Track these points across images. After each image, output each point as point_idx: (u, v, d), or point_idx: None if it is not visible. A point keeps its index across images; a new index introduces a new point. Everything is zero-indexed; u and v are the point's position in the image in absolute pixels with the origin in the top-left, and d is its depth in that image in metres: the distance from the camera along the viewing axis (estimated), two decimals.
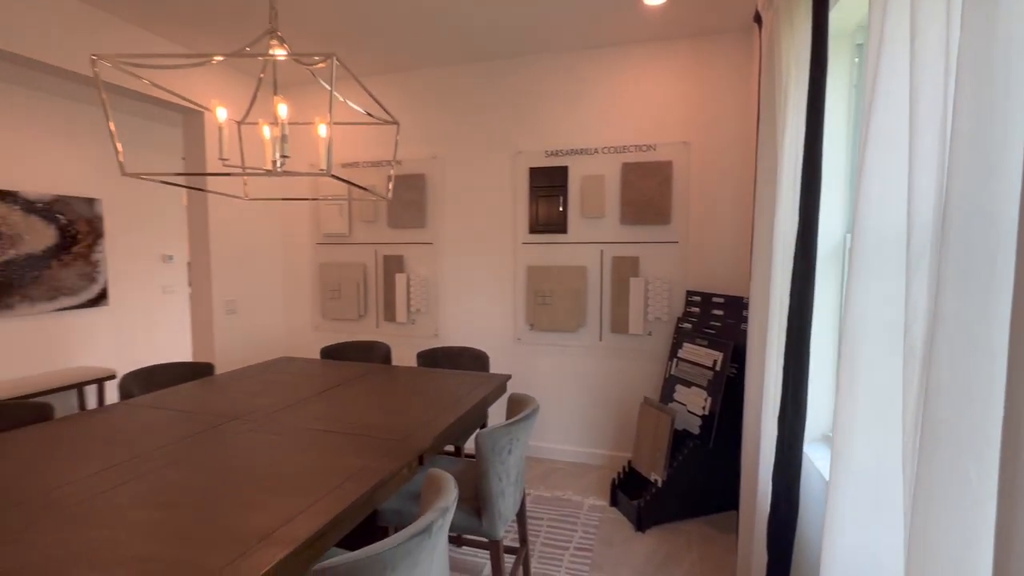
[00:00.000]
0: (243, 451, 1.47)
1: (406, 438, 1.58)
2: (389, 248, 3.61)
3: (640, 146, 3.01)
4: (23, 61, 2.36)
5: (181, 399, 1.98)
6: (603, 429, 3.21)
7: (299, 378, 2.32)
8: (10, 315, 3.83)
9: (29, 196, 3.94)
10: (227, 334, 3.45)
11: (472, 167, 3.37)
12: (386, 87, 3.52)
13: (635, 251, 3.06)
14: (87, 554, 0.96)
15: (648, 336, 3.06)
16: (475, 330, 3.43)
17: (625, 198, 3.03)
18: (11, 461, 1.39)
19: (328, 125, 1.51)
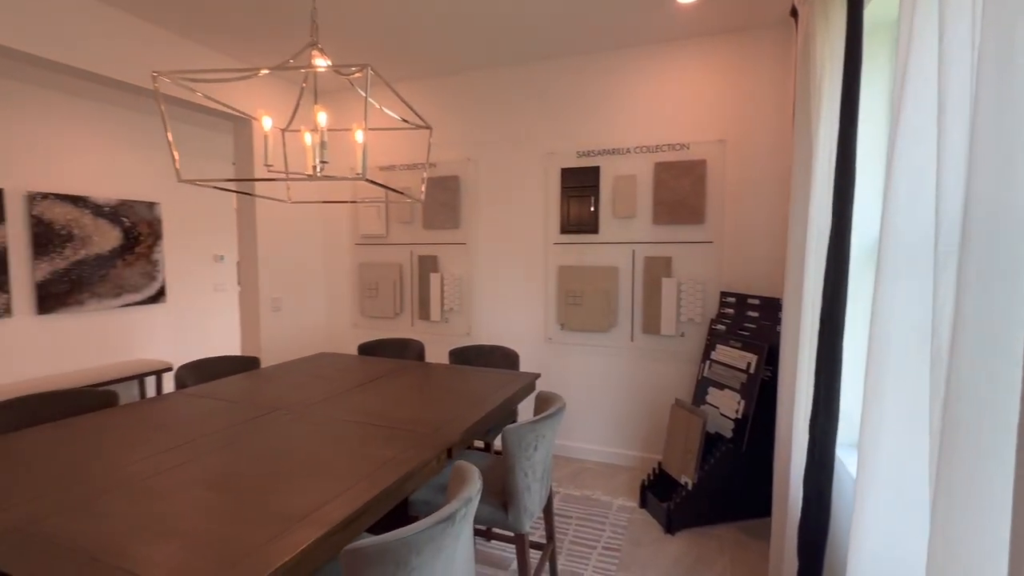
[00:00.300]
0: (284, 439, 1.57)
1: (436, 432, 1.64)
2: (424, 248, 3.71)
3: (673, 145, 2.98)
4: (90, 76, 2.57)
5: (230, 390, 2.12)
6: (633, 430, 3.19)
7: (337, 373, 2.42)
8: (81, 310, 4.16)
9: (98, 201, 4.27)
10: (272, 330, 3.63)
11: (504, 168, 3.42)
12: (421, 92, 3.62)
13: (668, 251, 3.03)
14: (149, 526, 1.06)
15: (680, 337, 3.02)
16: (506, 329, 3.48)
17: (658, 198, 3.00)
18: (81, 442, 1.53)
19: (364, 131, 1.59)
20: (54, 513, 1.11)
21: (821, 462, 1.49)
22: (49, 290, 3.96)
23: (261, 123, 1.57)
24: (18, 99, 3.76)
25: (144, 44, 2.74)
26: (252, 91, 3.38)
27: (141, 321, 4.63)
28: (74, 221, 4.12)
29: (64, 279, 4.05)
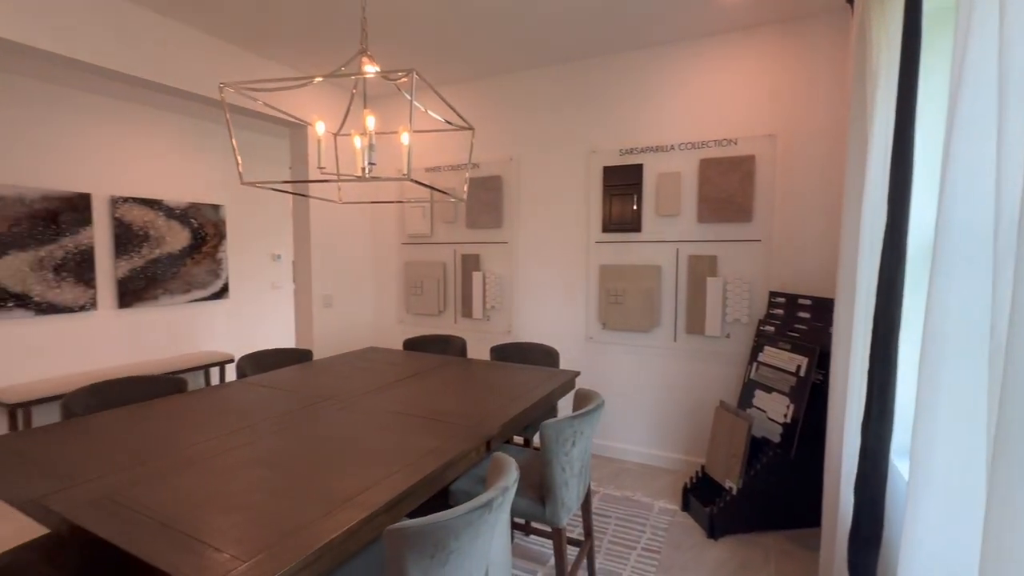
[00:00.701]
0: (333, 426, 1.66)
1: (476, 424, 1.69)
2: (467, 247, 3.79)
3: (720, 141, 2.90)
4: (164, 88, 2.80)
5: (284, 379, 2.25)
6: (675, 432, 3.13)
7: (383, 366, 2.52)
8: (155, 305, 4.52)
9: (170, 204, 4.62)
10: (324, 325, 3.81)
11: (546, 168, 3.44)
12: (464, 95, 3.70)
13: (713, 250, 2.95)
14: (213, 500, 1.16)
15: (726, 338, 2.94)
16: (547, 327, 3.50)
17: (703, 195, 2.93)
18: (155, 423, 1.68)
19: (409, 133, 1.66)
20: (132, 485, 1.23)
21: (874, 468, 1.43)
22: (128, 286, 4.32)
23: (315, 128, 1.67)
24: (102, 112, 4.13)
25: (210, 57, 2.95)
26: (307, 98, 3.56)
27: (206, 315, 4.98)
28: (150, 223, 4.48)
29: (141, 276, 4.41)
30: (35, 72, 3.57)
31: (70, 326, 3.97)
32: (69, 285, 3.95)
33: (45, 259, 3.81)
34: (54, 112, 3.83)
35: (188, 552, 0.95)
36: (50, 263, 3.84)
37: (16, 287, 3.67)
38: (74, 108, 3.94)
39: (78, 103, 3.97)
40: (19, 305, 3.68)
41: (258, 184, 1.70)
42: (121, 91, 4.02)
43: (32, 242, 3.74)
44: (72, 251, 3.96)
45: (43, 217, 3.79)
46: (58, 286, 3.89)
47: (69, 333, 3.97)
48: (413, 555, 0.97)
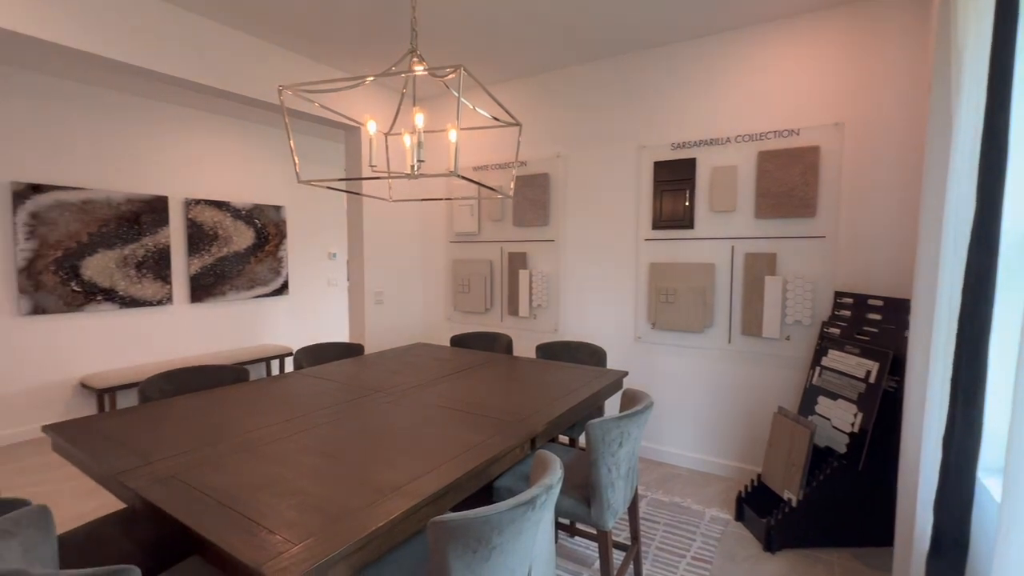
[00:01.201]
0: (381, 419, 1.69)
1: (521, 421, 1.67)
2: (513, 246, 3.79)
3: (780, 132, 2.74)
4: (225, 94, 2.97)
5: (337, 372, 2.33)
6: (730, 438, 2.99)
7: (431, 361, 2.57)
8: (222, 300, 4.82)
9: (236, 205, 4.92)
10: (375, 321, 3.93)
11: (595, 164, 3.38)
12: (512, 93, 3.70)
13: (772, 247, 2.80)
14: (267, 484, 1.21)
15: (785, 341, 2.78)
16: (594, 326, 3.44)
17: (761, 189, 2.79)
18: (219, 409, 1.78)
19: (457, 131, 1.67)
20: (196, 466, 1.31)
21: (957, 486, 1.30)
22: (199, 282, 4.64)
23: (367, 128, 1.71)
24: (176, 120, 4.45)
25: (269, 64, 3.10)
26: (360, 100, 3.68)
27: (268, 311, 5.26)
28: (219, 223, 4.78)
29: (210, 273, 4.72)
30: (116, 84, 3.90)
31: (149, 319, 4.31)
32: (149, 281, 4.28)
33: (128, 257, 4.15)
34: (135, 121, 4.17)
35: (244, 532, 1.00)
36: (132, 260, 4.18)
37: (104, 282, 4.02)
38: (151, 118, 4.27)
39: (155, 113, 4.29)
40: (107, 299, 4.03)
41: (313, 183, 1.77)
42: (192, 100, 4.31)
43: (118, 241, 4.08)
44: (152, 249, 4.29)
45: (127, 218, 4.13)
46: (139, 282, 4.22)
47: (148, 325, 4.30)
48: (455, 548, 0.97)
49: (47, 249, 3.69)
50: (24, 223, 3.58)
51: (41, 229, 3.66)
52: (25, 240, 3.59)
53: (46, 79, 3.67)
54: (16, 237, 3.55)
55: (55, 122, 3.72)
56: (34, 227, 3.63)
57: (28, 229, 3.60)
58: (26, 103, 3.57)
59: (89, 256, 3.92)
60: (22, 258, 3.58)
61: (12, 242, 3.55)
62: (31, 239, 3.61)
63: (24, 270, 3.59)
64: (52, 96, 3.71)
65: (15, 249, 3.55)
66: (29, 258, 3.61)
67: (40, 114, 3.65)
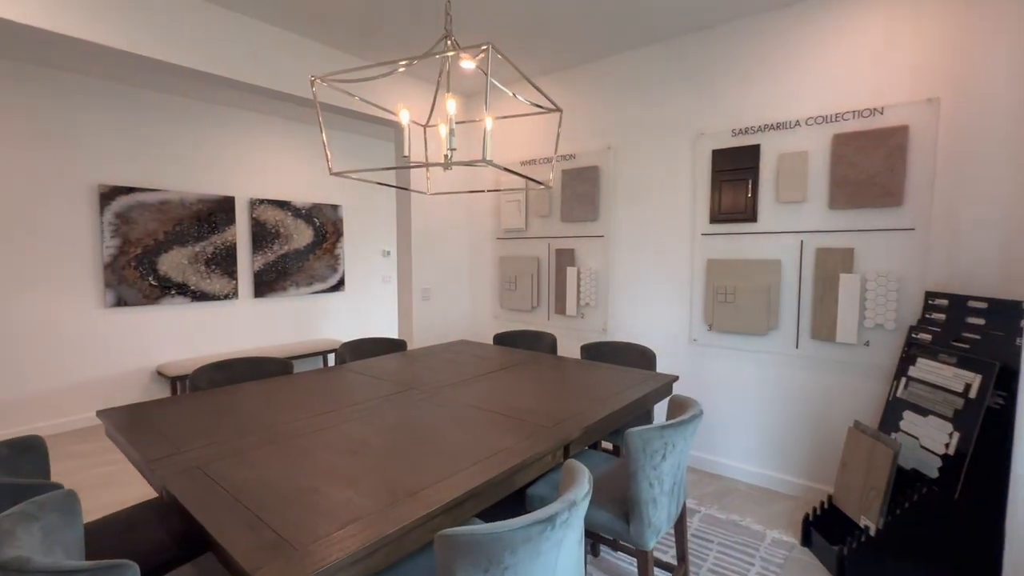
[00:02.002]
0: (411, 416, 1.64)
1: (556, 425, 1.56)
2: (561, 242, 3.66)
3: (860, 112, 2.43)
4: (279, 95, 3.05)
5: (376, 368, 2.32)
6: (795, 452, 2.71)
7: (471, 359, 2.50)
8: (283, 296, 5.05)
9: (297, 204, 5.13)
10: (422, 318, 3.94)
11: (648, 155, 3.19)
12: (559, 84, 3.57)
13: (848, 241, 2.49)
14: (284, 481, 1.18)
15: (864, 347, 2.47)
16: (646, 327, 3.25)
17: (836, 177, 2.49)
18: (256, 401, 1.81)
19: (491, 118, 1.58)
20: (222, 458, 1.31)
21: None
22: (262, 278, 4.88)
23: (399, 117, 1.67)
24: (241, 123, 4.69)
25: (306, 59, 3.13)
26: (400, 93, 3.68)
27: (326, 306, 5.45)
28: (280, 222, 5.01)
29: (273, 269, 4.96)
30: (188, 91, 4.16)
31: (217, 312, 4.58)
32: (217, 276, 4.55)
33: (199, 254, 4.43)
34: (205, 126, 4.43)
35: (249, 530, 0.96)
36: (202, 257, 4.45)
37: (178, 277, 4.31)
38: (220, 122, 4.52)
39: (223, 118, 4.55)
40: (179, 293, 4.32)
41: (344, 173, 1.75)
42: (256, 104, 4.53)
43: (190, 239, 4.37)
44: (219, 247, 4.55)
45: (198, 217, 4.40)
46: (208, 277, 4.50)
47: (216, 318, 4.57)
48: (464, 566, 0.88)
49: (129, 246, 4.00)
50: (109, 222, 3.90)
51: (124, 228, 3.97)
52: (110, 238, 3.90)
53: (124, 88, 3.97)
54: (103, 235, 3.87)
55: (135, 128, 4.03)
56: (118, 226, 3.94)
57: (113, 228, 3.91)
58: (106, 111, 3.88)
59: (164, 253, 4.22)
60: (107, 254, 3.90)
61: (99, 240, 3.88)
62: (115, 237, 3.93)
63: (109, 265, 3.91)
64: (131, 104, 4.01)
65: (102, 246, 3.88)
66: (113, 255, 3.93)
67: (120, 121, 3.96)
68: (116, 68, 3.66)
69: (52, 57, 3.44)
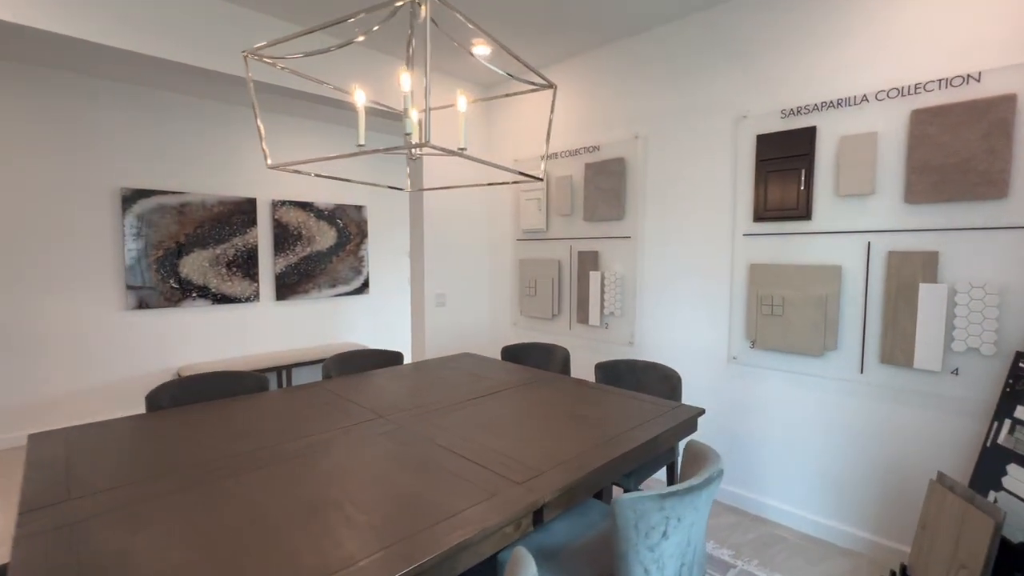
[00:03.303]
0: (355, 464, 1.36)
1: (530, 481, 1.24)
2: (584, 243, 3.30)
3: (949, 79, 1.93)
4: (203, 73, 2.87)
5: (356, 387, 2.07)
6: (859, 500, 2.23)
7: (465, 379, 2.21)
8: (305, 298, 4.96)
9: (320, 205, 5.03)
10: (436, 325, 3.69)
11: (680, 144, 2.77)
12: (577, 70, 3.21)
13: (930, 242, 2.00)
14: (173, 546, 0.93)
15: (951, 376, 1.96)
16: (677, 342, 2.83)
17: (915, 162, 2.00)
18: (196, 430, 1.59)
19: (465, 98, 1.28)
20: (109, 510, 1.08)
21: None
22: (284, 280, 4.81)
23: (354, 98, 1.39)
24: (264, 124, 4.63)
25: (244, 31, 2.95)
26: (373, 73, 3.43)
27: (348, 309, 5.33)
28: (303, 223, 4.92)
29: (295, 272, 4.88)
30: (208, 93, 4.11)
31: (238, 315, 4.54)
32: (238, 279, 4.51)
33: (220, 256, 4.40)
34: (225, 126, 4.39)
35: None
36: (224, 259, 4.42)
37: (199, 280, 4.29)
38: (241, 123, 4.47)
39: (246, 118, 4.50)
40: (201, 296, 4.31)
41: (282, 167, 1.50)
42: (278, 105, 4.45)
43: (211, 241, 4.34)
44: (241, 249, 4.51)
45: (219, 220, 4.37)
46: (230, 279, 4.46)
47: (237, 321, 4.53)
48: None
49: (150, 249, 4.01)
50: (131, 225, 3.91)
51: (145, 230, 3.98)
52: (132, 241, 3.92)
53: (144, 90, 3.97)
54: (124, 238, 3.88)
55: (155, 131, 4.02)
56: (139, 228, 3.95)
57: (134, 231, 3.92)
58: (127, 114, 3.89)
59: (186, 255, 4.20)
60: (129, 257, 3.91)
61: (121, 243, 3.90)
62: (137, 240, 3.94)
63: (130, 268, 3.92)
64: (152, 106, 4.01)
65: (124, 249, 3.89)
66: (135, 257, 3.94)
67: (141, 123, 3.96)
68: (136, 71, 3.65)
69: (66, 59, 3.45)
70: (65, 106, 3.63)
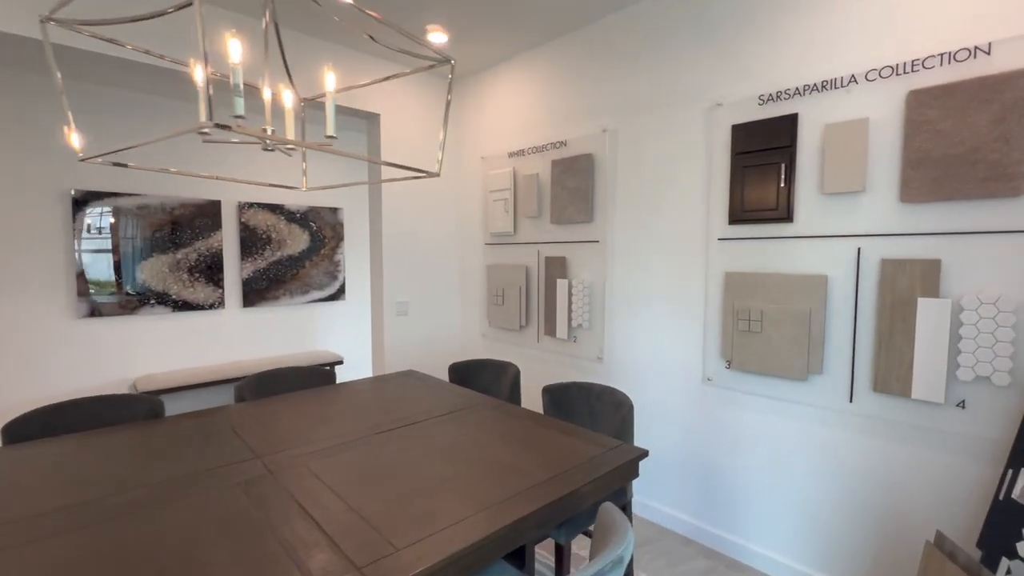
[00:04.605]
0: (171, 525, 1.09)
1: (403, 550, 0.96)
2: (551, 248, 3.01)
3: (952, 53, 1.61)
4: None
5: (257, 414, 1.82)
6: (849, 552, 1.90)
7: (386, 405, 1.94)
8: (276, 304, 4.74)
9: (291, 208, 4.81)
10: (397, 336, 3.43)
11: (651, 138, 2.47)
12: (540, 61, 2.92)
13: (931, 249, 1.67)
14: None
15: (956, 409, 1.63)
16: (649, 358, 2.53)
17: (913, 153, 1.68)
18: (59, 466, 1.34)
19: (332, 73, 1.01)
20: None
21: None
22: (252, 286, 4.58)
23: (192, 72, 1.13)
24: None
25: None
26: None
27: (324, 316, 5.09)
28: (272, 226, 4.70)
29: (264, 277, 4.66)
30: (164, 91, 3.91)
31: (202, 322, 4.33)
32: (201, 285, 4.30)
33: (181, 261, 4.19)
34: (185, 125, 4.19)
35: None
36: (185, 264, 4.21)
37: (158, 286, 4.09)
38: None
39: None
40: (160, 302, 4.10)
41: (92, 158, 1.24)
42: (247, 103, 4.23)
43: (171, 246, 4.14)
44: (204, 253, 4.30)
45: (180, 223, 4.17)
46: (192, 286, 4.25)
47: (200, 329, 4.32)
48: None
49: (103, 253, 3.81)
50: (83, 229, 3.72)
51: (99, 234, 3.78)
52: (84, 245, 3.72)
53: (94, 88, 3.78)
54: (76, 243, 3.69)
55: (110, 130, 3.83)
56: (92, 232, 3.75)
57: (87, 235, 3.73)
58: (79, 112, 3.70)
59: (143, 260, 4.00)
60: (81, 263, 3.72)
61: (73, 248, 3.71)
62: (89, 243, 3.74)
63: (82, 274, 3.73)
64: (104, 105, 3.82)
65: (75, 254, 3.70)
66: (87, 263, 3.74)
67: (94, 123, 3.77)
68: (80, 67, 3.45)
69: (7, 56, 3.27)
70: (7, 104, 3.44)
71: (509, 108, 3.21)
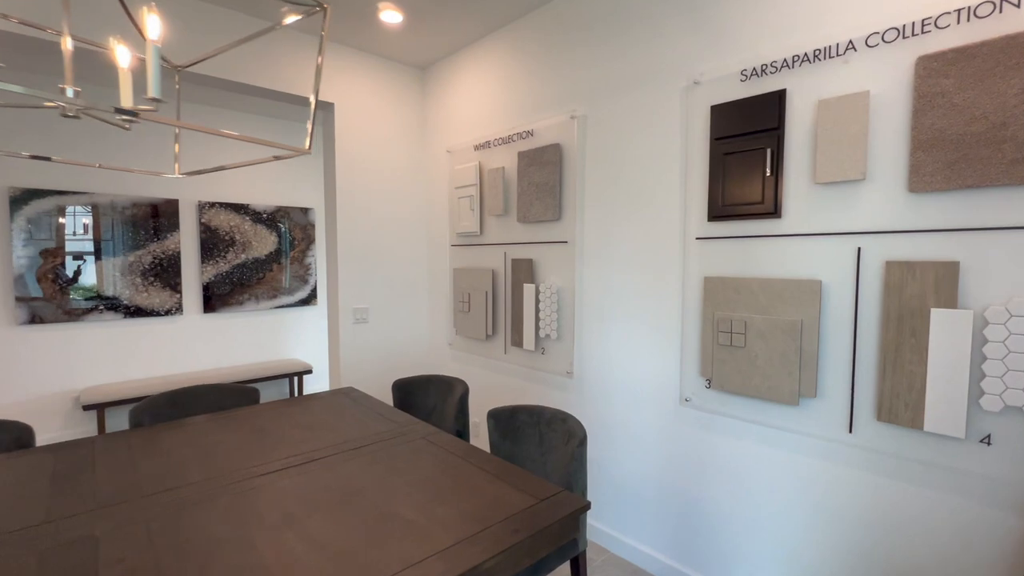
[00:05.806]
0: None
1: None
2: (518, 249, 2.71)
3: (971, 8, 1.31)
4: None
5: (129, 448, 1.52)
6: None
7: (302, 432, 1.64)
8: (240, 310, 4.45)
9: (257, 208, 4.53)
10: (355, 346, 3.14)
11: (622, 124, 2.18)
12: (506, 42, 2.64)
13: (947, 248, 1.37)
14: None
15: (981, 445, 1.32)
16: (622, 373, 2.22)
17: (922, 133, 1.37)
18: None
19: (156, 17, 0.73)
20: None
21: None
22: (213, 291, 4.30)
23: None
24: (189, 117, 4.15)
25: None
26: None
27: (293, 322, 4.81)
28: (236, 227, 4.43)
29: (227, 281, 4.38)
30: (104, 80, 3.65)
31: (156, 330, 4.04)
32: (156, 289, 4.02)
33: (134, 264, 3.92)
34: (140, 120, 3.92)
35: None
36: (138, 268, 3.94)
37: (107, 291, 3.82)
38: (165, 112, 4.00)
39: (168, 110, 4.02)
40: (110, 308, 3.83)
41: None
42: (204, 96, 3.97)
43: (123, 248, 3.87)
44: (160, 256, 4.03)
45: (133, 223, 3.90)
46: (146, 290, 3.97)
47: (155, 337, 4.04)
48: None
49: (46, 256, 3.54)
50: (22, 229, 3.45)
51: (40, 236, 3.52)
52: (23, 247, 3.45)
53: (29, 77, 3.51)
54: (12, 244, 3.42)
55: (52, 124, 3.56)
56: (32, 233, 3.49)
57: (26, 236, 3.46)
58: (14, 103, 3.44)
59: (92, 263, 3.73)
60: (19, 266, 3.45)
61: (9, 250, 3.44)
62: (29, 246, 3.48)
63: (19, 278, 3.46)
64: None
65: (12, 257, 3.43)
66: (26, 266, 3.47)
67: (33, 115, 3.50)
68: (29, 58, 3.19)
69: None
70: None
71: (474, 97, 2.93)
